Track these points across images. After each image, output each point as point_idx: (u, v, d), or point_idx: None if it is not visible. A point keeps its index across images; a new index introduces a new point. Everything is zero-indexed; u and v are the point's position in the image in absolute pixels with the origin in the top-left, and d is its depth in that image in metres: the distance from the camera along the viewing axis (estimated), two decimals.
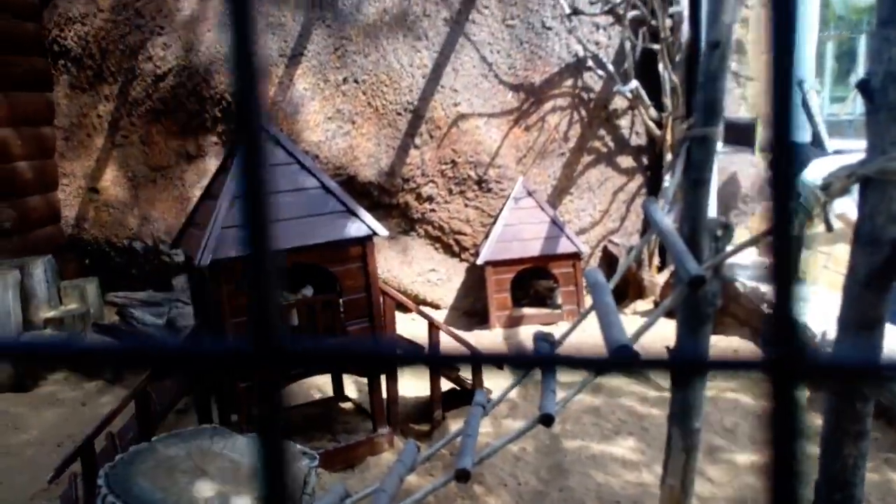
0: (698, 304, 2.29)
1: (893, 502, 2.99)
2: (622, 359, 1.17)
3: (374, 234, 3.41)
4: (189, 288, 4.00)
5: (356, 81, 5.78)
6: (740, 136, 5.23)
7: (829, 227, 1.72)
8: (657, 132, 5.72)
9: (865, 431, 1.92)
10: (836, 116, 13.72)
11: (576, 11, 5.56)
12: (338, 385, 4.30)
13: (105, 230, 6.32)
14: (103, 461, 3.26)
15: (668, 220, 2.03)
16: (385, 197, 5.94)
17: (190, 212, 3.79)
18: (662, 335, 2.69)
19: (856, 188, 1.71)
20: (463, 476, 1.73)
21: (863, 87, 1.63)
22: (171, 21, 5.83)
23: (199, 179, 6.14)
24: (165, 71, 5.89)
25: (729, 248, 2.36)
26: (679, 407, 2.47)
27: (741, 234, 4.96)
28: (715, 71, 2.14)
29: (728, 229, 2.40)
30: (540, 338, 2.09)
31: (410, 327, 4.83)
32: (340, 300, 3.50)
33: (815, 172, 4.54)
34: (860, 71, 16.91)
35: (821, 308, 4.41)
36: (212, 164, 6.08)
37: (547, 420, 1.73)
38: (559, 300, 5.63)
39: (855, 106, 16.61)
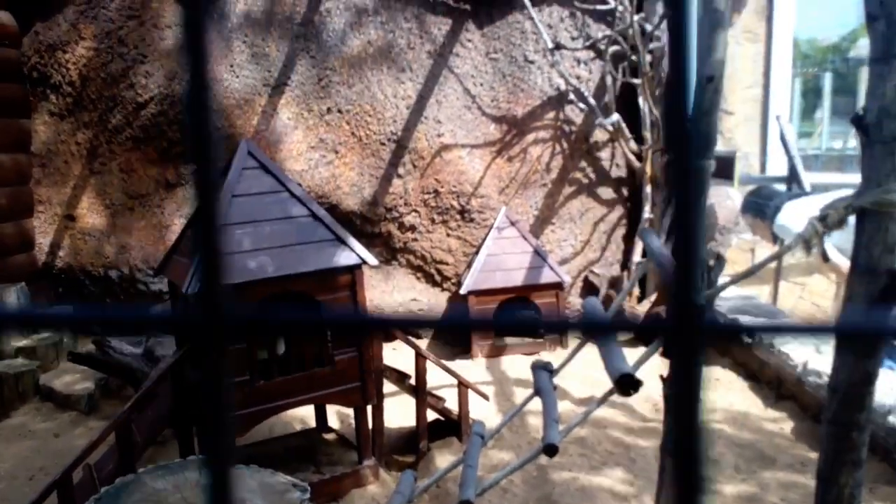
0: None
1: None
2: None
3: (364, 262, 3.40)
4: None
5: (340, 111, 5.80)
6: (719, 168, 5.33)
7: (826, 258, 1.76)
8: (637, 164, 5.81)
9: (861, 460, 1.94)
10: (804, 151, 14.08)
11: (558, 46, 5.66)
12: (321, 416, 4.24)
13: (80, 258, 6.21)
14: (80, 494, 3.16)
15: (665, 249, 2.06)
16: (367, 226, 5.93)
17: (175, 240, 3.75)
18: (651, 367, 2.70)
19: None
20: None
21: (858, 121, 1.68)
22: (154, 50, 5.82)
23: (179, 208, 6.09)
24: (147, 99, 5.86)
25: (721, 279, 2.39)
26: (673, 437, 2.47)
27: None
28: (709, 105, 2.19)
29: (720, 260, 2.44)
30: (539, 367, 2.08)
31: (393, 357, 4.79)
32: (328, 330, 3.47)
33: (788, 216, 4.64)
34: (826, 106, 17.42)
35: (799, 339, 4.49)
36: (191, 192, 6.04)
37: (550, 450, 1.72)
38: (542, 330, 5.64)
39: (821, 141, 17.08)
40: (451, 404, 4.04)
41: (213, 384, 0.47)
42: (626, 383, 1.71)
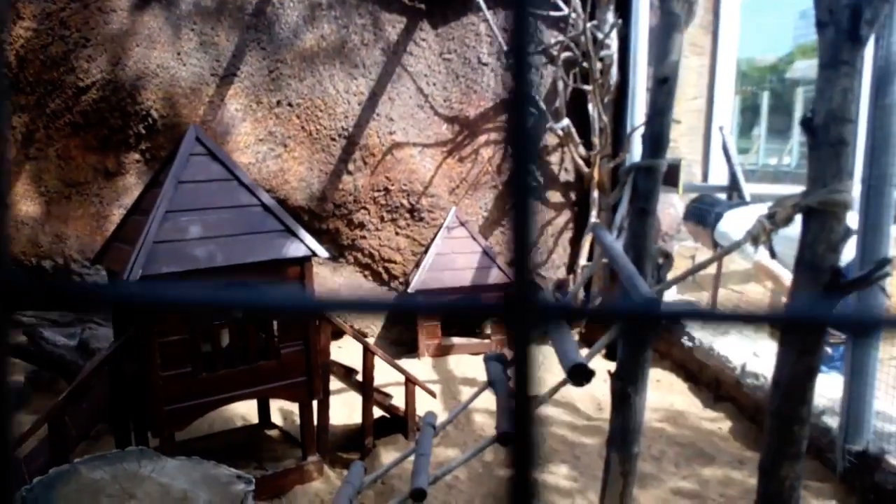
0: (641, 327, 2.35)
1: None
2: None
3: (314, 254, 3.35)
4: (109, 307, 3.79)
5: (290, 105, 5.72)
6: (665, 175, 5.45)
7: (773, 254, 1.82)
8: (585, 169, 5.90)
9: (801, 453, 2.01)
10: (742, 166, 14.59)
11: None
12: (263, 412, 4.16)
13: (12, 247, 5.95)
14: None
15: (618, 244, 2.09)
16: (315, 222, 5.86)
17: (115, 228, 3.63)
18: (596, 366, 2.73)
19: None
20: (418, 495, 1.69)
21: (806, 124, 1.74)
22: (98, 34, 5.62)
23: (118, 197, 5.89)
24: (89, 84, 5.66)
25: (669, 277, 2.44)
26: (618, 432, 2.51)
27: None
28: (662, 105, 2.24)
29: (668, 258, 2.49)
30: (492, 358, 2.08)
31: (339, 354, 4.74)
32: (275, 321, 3.41)
33: (729, 223, 4.79)
34: (763, 124, 18.08)
35: (737, 342, 4.63)
36: (132, 181, 5.86)
37: (506, 438, 1.72)
38: (488, 330, 5.66)
39: (758, 157, 17.73)
40: (398, 402, 4.02)
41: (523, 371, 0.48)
42: (579, 373, 1.72)
